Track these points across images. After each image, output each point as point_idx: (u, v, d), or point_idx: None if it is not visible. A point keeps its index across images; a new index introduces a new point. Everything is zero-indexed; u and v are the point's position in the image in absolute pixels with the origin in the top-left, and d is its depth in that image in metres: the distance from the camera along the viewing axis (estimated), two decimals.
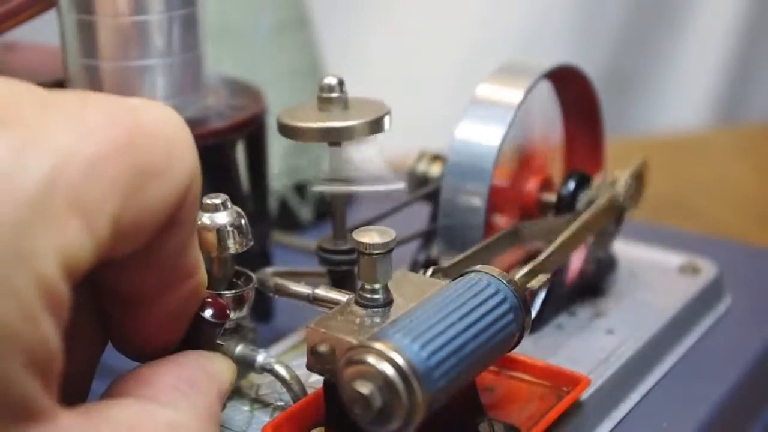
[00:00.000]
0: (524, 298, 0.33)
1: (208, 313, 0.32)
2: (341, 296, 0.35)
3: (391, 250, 0.32)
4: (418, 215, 0.46)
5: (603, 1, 0.99)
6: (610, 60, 1.00)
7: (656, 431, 0.37)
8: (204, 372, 0.30)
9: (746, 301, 0.47)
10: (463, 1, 0.97)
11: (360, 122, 0.38)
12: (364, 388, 0.28)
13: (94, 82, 0.41)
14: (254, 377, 0.37)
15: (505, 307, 0.32)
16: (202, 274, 0.31)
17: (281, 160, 0.54)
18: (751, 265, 0.51)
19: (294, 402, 0.34)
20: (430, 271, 0.36)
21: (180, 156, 0.27)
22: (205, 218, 0.34)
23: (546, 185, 0.44)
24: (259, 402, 0.36)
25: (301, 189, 0.56)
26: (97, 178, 0.24)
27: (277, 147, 0.46)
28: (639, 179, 0.43)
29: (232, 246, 0.34)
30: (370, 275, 0.32)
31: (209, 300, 0.32)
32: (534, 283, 0.36)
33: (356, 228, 0.33)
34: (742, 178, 0.78)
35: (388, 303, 0.33)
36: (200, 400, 0.29)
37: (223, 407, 0.36)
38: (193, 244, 0.29)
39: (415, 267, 0.43)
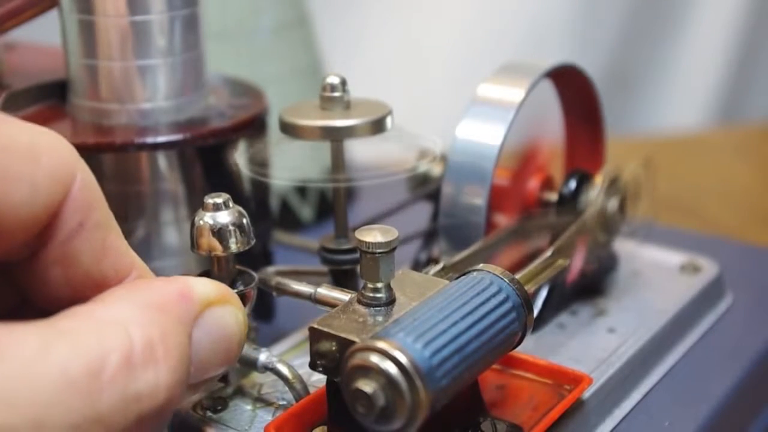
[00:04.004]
0: (526, 297, 0.33)
1: None
2: (343, 295, 0.35)
3: (393, 249, 0.32)
4: (420, 215, 0.46)
5: (603, 1, 0.99)
6: (610, 60, 1.00)
7: (658, 430, 0.37)
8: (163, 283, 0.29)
9: (747, 300, 0.47)
10: (464, 1, 0.97)
11: (362, 121, 0.38)
12: (367, 386, 0.28)
13: (95, 82, 0.41)
14: (257, 376, 0.37)
15: (507, 305, 0.32)
16: (140, 273, 0.30)
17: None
18: (752, 264, 0.51)
19: (296, 401, 0.34)
20: (432, 270, 0.36)
21: (49, 154, 0.27)
22: (207, 217, 0.34)
23: (547, 184, 0.44)
24: (261, 401, 0.36)
25: (301, 188, 0.56)
26: None
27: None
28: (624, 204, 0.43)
29: (234, 245, 0.34)
30: (373, 274, 0.32)
31: None
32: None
33: (358, 227, 0.33)
34: (742, 178, 0.78)
35: (390, 302, 0.33)
36: (144, 296, 0.27)
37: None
38: (111, 245, 0.29)
39: (416, 266, 0.43)
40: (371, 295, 0.33)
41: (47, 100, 0.44)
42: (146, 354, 0.25)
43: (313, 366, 0.32)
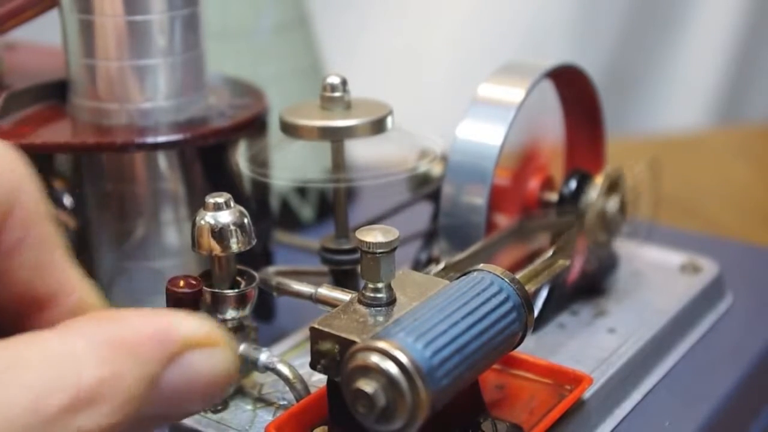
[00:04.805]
0: (527, 297, 0.33)
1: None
2: (344, 295, 0.35)
3: (394, 249, 0.32)
4: (420, 215, 0.46)
5: (603, 1, 0.99)
6: (610, 60, 1.00)
7: (658, 430, 0.37)
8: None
9: (747, 299, 0.47)
10: (464, 1, 0.97)
11: (362, 121, 0.38)
12: (368, 386, 0.28)
13: (95, 81, 0.41)
14: (257, 376, 0.37)
15: (508, 305, 0.32)
16: (84, 296, 0.29)
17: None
18: (752, 264, 0.51)
19: (297, 401, 0.34)
20: (433, 270, 0.36)
21: None
22: (208, 217, 0.34)
23: (547, 184, 0.44)
24: (262, 401, 0.36)
25: (302, 188, 0.56)
26: None
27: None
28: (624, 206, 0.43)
29: (235, 245, 0.34)
30: (374, 274, 0.32)
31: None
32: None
33: (359, 227, 0.33)
34: (742, 178, 0.78)
35: (391, 302, 0.33)
36: (104, 330, 0.26)
37: (224, 404, 0.36)
38: (53, 263, 0.28)
39: (417, 266, 0.43)
40: (372, 295, 0.33)
41: (47, 100, 0.44)
42: (91, 395, 0.24)
43: (313, 366, 0.32)
